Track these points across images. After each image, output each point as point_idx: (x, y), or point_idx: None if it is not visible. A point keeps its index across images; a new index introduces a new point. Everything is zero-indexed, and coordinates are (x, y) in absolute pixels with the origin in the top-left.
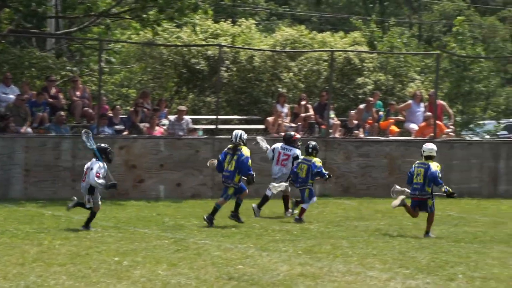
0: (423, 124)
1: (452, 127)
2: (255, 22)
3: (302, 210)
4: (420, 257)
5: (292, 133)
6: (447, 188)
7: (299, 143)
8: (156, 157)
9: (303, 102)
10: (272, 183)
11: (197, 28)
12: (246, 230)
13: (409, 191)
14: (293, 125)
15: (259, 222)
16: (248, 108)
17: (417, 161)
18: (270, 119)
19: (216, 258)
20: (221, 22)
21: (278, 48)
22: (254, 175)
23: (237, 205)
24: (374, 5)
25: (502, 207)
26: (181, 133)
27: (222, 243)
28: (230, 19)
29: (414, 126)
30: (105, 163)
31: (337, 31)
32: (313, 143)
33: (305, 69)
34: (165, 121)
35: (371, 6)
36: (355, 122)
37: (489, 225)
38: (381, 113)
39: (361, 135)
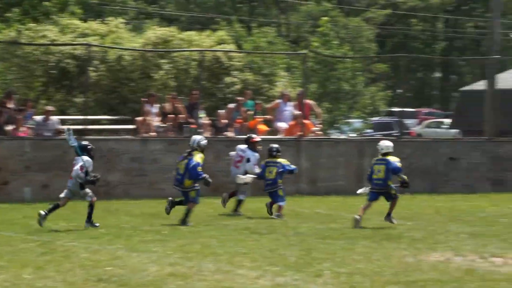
0: (291, 123)
1: (319, 125)
2: (124, 21)
3: (280, 207)
4: (289, 255)
5: (253, 135)
6: (404, 177)
7: (260, 147)
8: (21, 158)
9: (173, 102)
10: (238, 174)
11: (65, 28)
12: (115, 231)
13: (368, 188)
14: (163, 125)
15: (129, 222)
16: (118, 108)
17: (375, 159)
18: (139, 119)
19: (84, 260)
20: (90, 22)
21: (149, 48)
22: (207, 177)
23: (187, 210)
24: (242, 5)
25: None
26: (48, 134)
27: (91, 244)
28: (99, 18)
29: (282, 125)
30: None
31: (205, 30)
32: (275, 145)
33: (173, 70)
34: (31, 122)
35: (240, 6)
36: (225, 121)
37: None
38: (250, 112)
39: (231, 134)
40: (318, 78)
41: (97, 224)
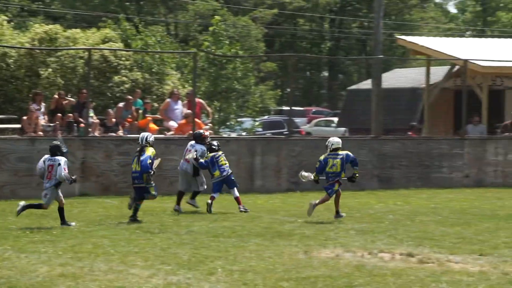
0: (182, 121)
1: (210, 124)
2: (7, 18)
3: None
4: (181, 253)
5: (202, 131)
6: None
7: (208, 141)
8: None
9: (60, 101)
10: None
11: None
12: (2, 232)
13: (313, 176)
14: (50, 124)
15: (16, 223)
16: (4, 107)
17: (327, 154)
18: (25, 118)
19: None
20: None
21: (35, 45)
22: (153, 173)
23: (136, 210)
24: (129, 3)
25: (258, 201)
26: None
27: None
28: None
29: (173, 124)
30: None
31: (91, 28)
32: (215, 142)
33: (60, 68)
34: None
35: (127, 4)
36: (114, 120)
37: (247, 220)
38: (141, 111)
39: (121, 134)
40: (209, 77)
41: (73, 224)
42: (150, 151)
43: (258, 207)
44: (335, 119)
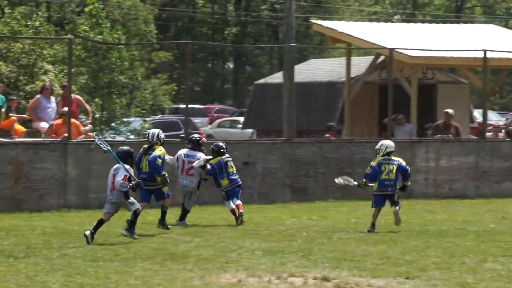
0: (57, 122)
1: (90, 125)
2: None
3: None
4: (51, 281)
5: (198, 136)
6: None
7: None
8: None
9: None
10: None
11: None
12: None
13: (355, 183)
14: None
15: None
16: None
17: (380, 159)
18: None
19: None
20: None
21: None
22: (166, 175)
23: (163, 212)
24: None
25: (149, 218)
26: None
27: None
28: None
29: (45, 125)
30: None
31: None
32: (221, 143)
33: None
34: None
35: None
36: None
37: (133, 240)
38: (3, 109)
39: None
40: (88, 69)
41: (136, 237)
42: (159, 150)
43: (149, 224)
44: (241, 119)
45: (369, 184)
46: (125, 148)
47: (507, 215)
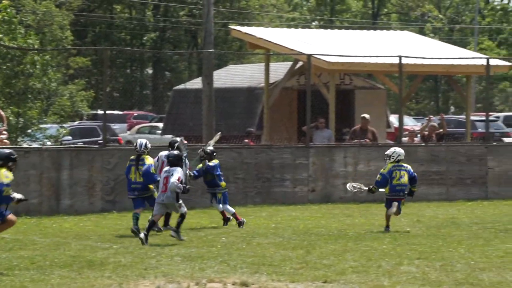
0: None
1: (6, 132)
2: None
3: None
4: None
5: (178, 138)
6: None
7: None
8: None
9: None
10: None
11: None
12: None
13: (366, 188)
14: None
15: None
16: None
17: (391, 165)
18: None
19: None
20: None
21: None
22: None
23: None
24: None
25: (66, 225)
26: None
27: None
28: None
29: None
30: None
31: None
32: (210, 147)
33: None
34: None
35: None
36: None
37: (50, 247)
38: None
39: None
40: (2, 75)
41: (183, 238)
42: (149, 160)
43: (65, 231)
44: (161, 125)
45: (380, 190)
46: (175, 152)
47: (422, 218)
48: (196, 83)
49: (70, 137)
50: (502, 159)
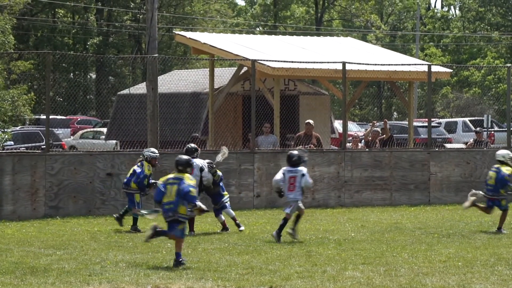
0: None
1: None
2: None
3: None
4: None
5: (193, 145)
6: None
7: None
8: None
9: None
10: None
11: None
12: None
13: (482, 193)
14: None
15: None
16: None
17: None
18: None
19: None
20: None
21: None
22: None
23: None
24: None
25: (8, 231)
26: None
27: None
28: None
29: None
30: None
31: None
32: (295, 152)
33: None
34: None
35: None
36: None
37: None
38: None
39: None
40: None
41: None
42: (147, 169)
43: (8, 237)
44: (105, 130)
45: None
46: (296, 153)
47: (366, 223)
48: (140, 88)
49: (12, 142)
50: (444, 164)
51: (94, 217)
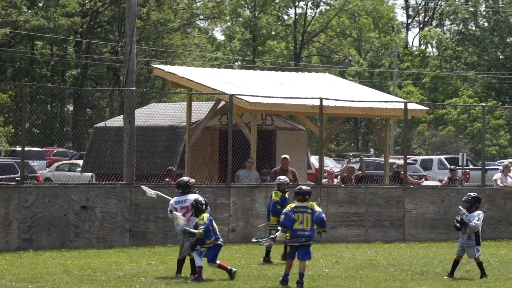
0: None
1: None
2: None
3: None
4: None
5: (186, 178)
6: None
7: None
8: None
9: None
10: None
11: None
12: None
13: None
14: None
15: None
16: None
17: None
18: None
19: None
20: None
21: None
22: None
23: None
24: None
25: None
26: None
27: None
28: None
29: None
30: None
31: None
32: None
33: None
34: None
35: None
36: None
37: None
38: None
39: None
40: None
41: None
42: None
43: None
44: (81, 162)
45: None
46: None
47: (341, 260)
48: (117, 121)
49: None
50: (419, 201)
51: (68, 250)
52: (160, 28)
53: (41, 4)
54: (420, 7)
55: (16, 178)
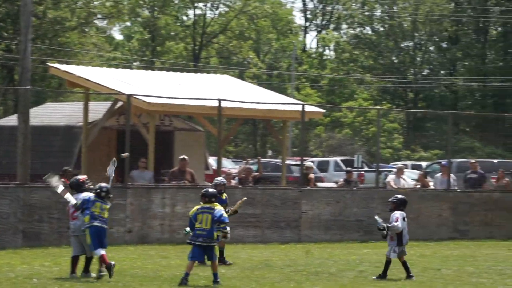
0: None
1: None
2: None
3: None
4: None
5: (79, 176)
6: None
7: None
8: None
9: None
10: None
11: None
12: None
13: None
14: None
15: None
16: None
17: None
18: None
19: None
20: None
21: None
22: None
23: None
24: None
25: None
26: None
27: None
28: None
29: None
30: None
31: None
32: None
33: None
34: None
35: None
36: None
37: None
38: None
39: None
40: None
41: None
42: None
43: None
44: None
45: None
46: None
47: (237, 260)
48: (11, 120)
49: None
50: (315, 203)
51: None
52: (57, 26)
53: None
54: (317, 11)
55: None
